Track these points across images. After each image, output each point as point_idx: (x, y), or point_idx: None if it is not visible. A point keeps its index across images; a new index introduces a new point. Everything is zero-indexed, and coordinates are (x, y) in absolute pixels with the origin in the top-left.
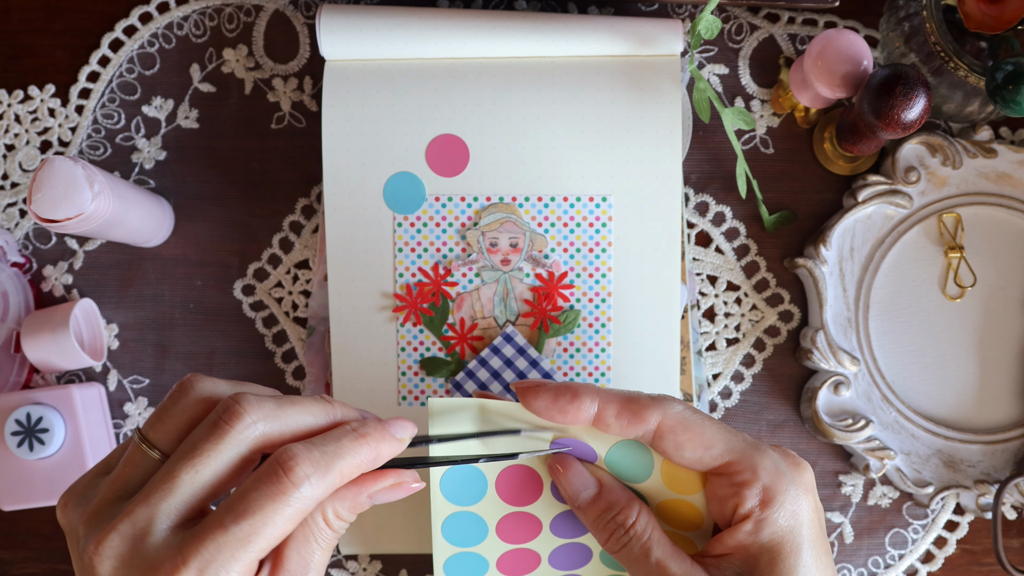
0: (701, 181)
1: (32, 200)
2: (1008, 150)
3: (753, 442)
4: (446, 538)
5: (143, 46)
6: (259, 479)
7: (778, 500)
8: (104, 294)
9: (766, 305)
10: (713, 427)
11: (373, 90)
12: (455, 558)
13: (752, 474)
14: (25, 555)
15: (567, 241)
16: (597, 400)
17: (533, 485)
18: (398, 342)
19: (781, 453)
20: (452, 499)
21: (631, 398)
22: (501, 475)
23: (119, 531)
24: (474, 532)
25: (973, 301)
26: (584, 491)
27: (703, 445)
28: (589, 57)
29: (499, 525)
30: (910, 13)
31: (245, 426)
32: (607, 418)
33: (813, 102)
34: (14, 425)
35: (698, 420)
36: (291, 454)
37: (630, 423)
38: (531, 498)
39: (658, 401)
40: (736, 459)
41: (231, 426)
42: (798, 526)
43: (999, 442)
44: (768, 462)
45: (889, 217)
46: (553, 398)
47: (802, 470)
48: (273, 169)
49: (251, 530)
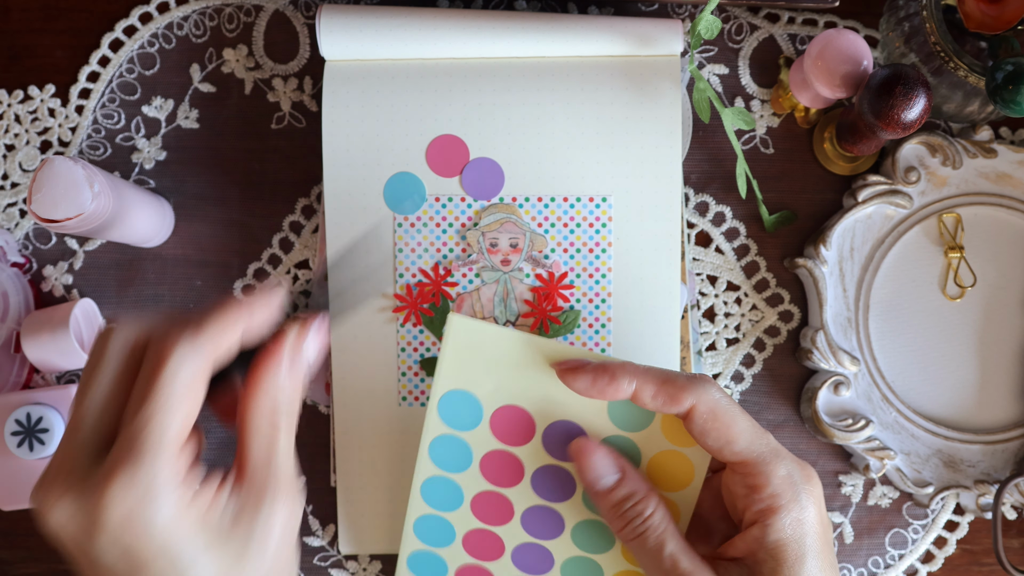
0: (701, 181)
1: (32, 200)
2: (1008, 150)
3: (774, 447)
4: (432, 458)
5: (143, 46)
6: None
7: (785, 508)
8: (104, 294)
9: (766, 305)
10: (741, 423)
11: (373, 90)
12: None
13: (765, 479)
14: (25, 555)
15: (567, 241)
16: (635, 380)
17: (526, 428)
18: (398, 342)
19: (797, 463)
20: (448, 422)
21: (668, 379)
22: (497, 412)
23: (54, 472)
24: (459, 459)
25: (973, 301)
26: (604, 477)
27: (726, 438)
28: (589, 57)
29: (482, 461)
30: (910, 13)
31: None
32: (643, 397)
33: (813, 102)
34: (14, 425)
35: (729, 412)
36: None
37: (665, 403)
38: (522, 441)
39: (695, 383)
40: (753, 461)
41: (105, 339)
42: (803, 535)
43: (999, 442)
44: (783, 470)
45: (889, 217)
46: (593, 379)
47: (813, 483)
48: (273, 169)
49: (148, 417)
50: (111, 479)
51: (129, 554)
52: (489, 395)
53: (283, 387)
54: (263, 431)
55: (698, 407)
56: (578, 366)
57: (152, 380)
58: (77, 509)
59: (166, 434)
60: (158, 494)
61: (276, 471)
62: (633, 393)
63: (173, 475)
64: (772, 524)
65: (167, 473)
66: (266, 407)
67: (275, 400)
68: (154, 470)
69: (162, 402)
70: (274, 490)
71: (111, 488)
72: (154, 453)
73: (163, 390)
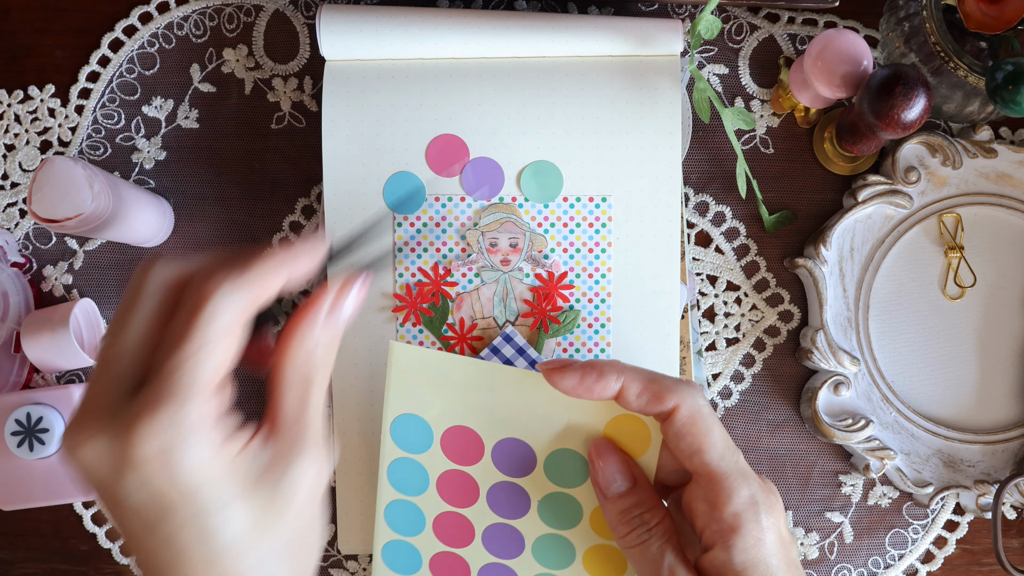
0: (701, 181)
1: (32, 200)
2: (1008, 150)
3: (742, 468)
4: (391, 482)
5: (143, 46)
6: (180, 311)
7: (745, 528)
8: (104, 294)
9: (766, 305)
10: (717, 434)
11: (373, 90)
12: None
13: (726, 497)
14: (25, 555)
15: (567, 241)
16: (622, 377)
17: (475, 448)
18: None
19: (761, 485)
20: (401, 445)
21: (654, 379)
22: (447, 433)
23: (84, 411)
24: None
25: (973, 301)
26: (616, 483)
27: (699, 446)
28: (589, 57)
29: (439, 482)
30: (910, 13)
31: (149, 271)
32: (629, 395)
33: (813, 102)
34: (14, 425)
35: (708, 421)
36: (200, 275)
37: (649, 402)
38: (473, 460)
39: (681, 386)
40: (718, 476)
41: (140, 278)
42: (767, 556)
43: (999, 442)
44: (745, 492)
45: (889, 217)
46: (580, 377)
47: (773, 506)
48: (273, 169)
49: (188, 355)
50: (142, 416)
51: (156, 496)
52: (437, 417)
53: (320, 341)
54: (296, 384)
55: (680, 409)
56: (564, 365)
57: (191, 319)
58: (107, 447)
59: (202, 375)
60: (190, 435)
61: (307, 426)
62: (619, 391)
63: (206, 417)
64: (735, 545)
65: (200, 414)
66: (301, 359)
67: (311, 353)
68: (187, 410)
69: (201, 342)
70: (304, 445)
71: (142, 425)
72: (188, 393)
73: (202, 330)
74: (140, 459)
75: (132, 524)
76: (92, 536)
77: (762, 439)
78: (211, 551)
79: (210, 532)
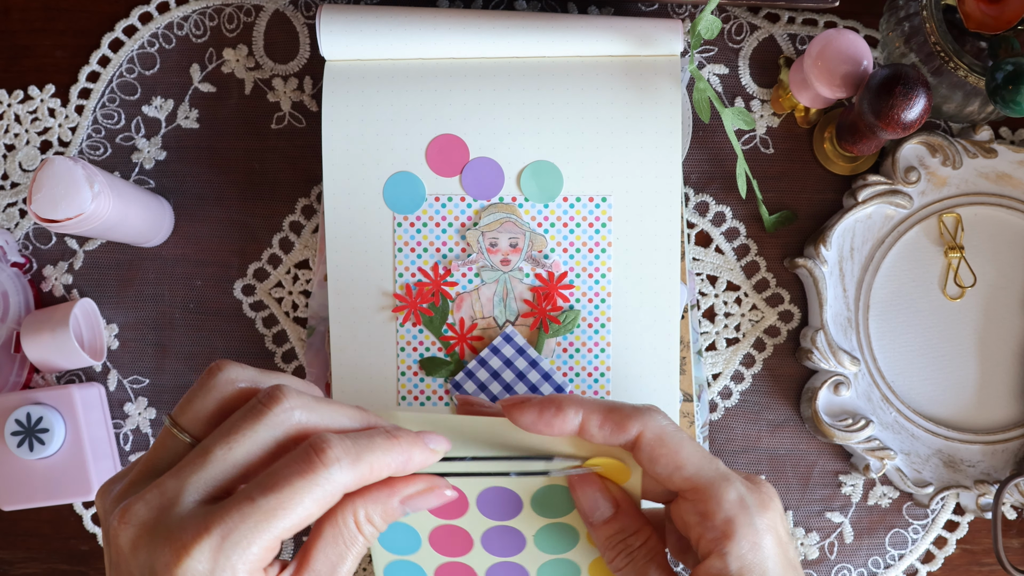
0: (701, 181)
1: (32, 200)
2: (1008, 150)
3: (723, 472)
4: (383, 544)
5: (143, 46)
6: (291, 458)
7: (739, 533)
8: (104, 294)
9: (766, 305)
10: (688, 448)
11: (373, 90)
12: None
13: (716, 505)
14: (25, 555)
15: (567, 241)
16: (581, 411)
17: (459, 503)
18: (398, 342)
19: (749, 486)
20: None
21: (613, 408)
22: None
23: (145, 500)
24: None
25: (973, 301)
26: (599, 510)
27: (675, 464)
28: (589, 57)
29: (431, 538)
30: (910, 13)
31: (283, 410)
32: (590, 428)
33: (813, 102)
34: (14, 425)
35: (676, 438)
36: (324, 438)
37: (612, 432)
38: (458, 514)
39: (641, 412)
40: (702, 486)
41: (270, 409)
42: (763, 560)
43: (999, 442)
44: (732, 494)
45: (889, 217)
46: (539, 412)
47: (766, 505)
48: (273, 169)
49: (278, 504)
50: (203, 538)
51: None
52: None
53: (386, 514)
54: (346, 537)
55: (645, 434)
56: (522, 401)
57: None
58: (158, 548)
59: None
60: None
61: None
62: (580, 424)
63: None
64: (730, 552)
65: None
66: (365, 517)
67: (374, 517)
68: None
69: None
70: None
71: (202, 547)
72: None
73: (303, 490)
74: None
75: None
76: (92, 536)
77: (762, 439)
78: None
79: None
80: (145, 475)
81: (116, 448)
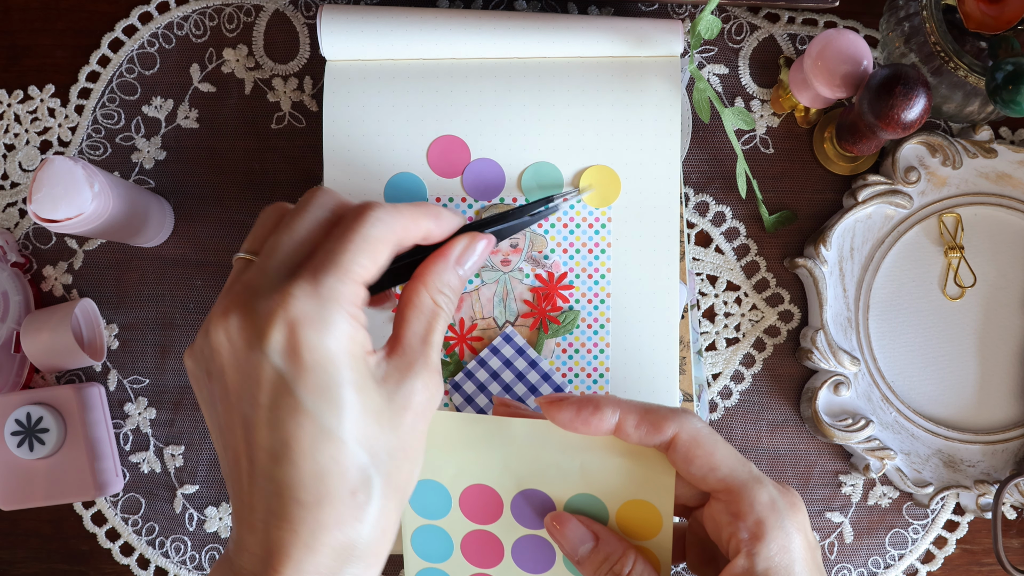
0: (701, 181)
1: (32, 200)
2: (1008, 150)
3: (756, 475)
4: (416, 551)
5: (143, 46)
6: (347, 215)
7: (770, 535)
8: (104, 294)
9: (766, 305)
10: (723, 450)
11: (374, 90)
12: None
13: (748, 506)
14: (25, 555)
15: (567, 242)
16: (618, 410)
17: (494, 505)
18: None
19: (780, 489)
20: (420, 512)
21: (650, 409)
22: (464, 494)
23: (234, 292)
24: (441, 548)
25: (973, 301)
26: (582, 545)
27: (709, 465)
28: (589, 57)
29: (462, 545)
30: (910, 13)
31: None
32: (627, 427)
33: (813, 102)
34: (14, 425)
35: (711, 439)
36: (366, 203)
37: (648, 433)
38: (493, 518)
39: (676, 414)
40: (735, 487)
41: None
42: (791, 563)
43: (999, 442)
44: (765, 496)
45: (889, 217)
46: (576, 410)
47: (796, 508)
48: (273, 169)
49: (348, 245)
50: (298, 282)
51: (293, 356)
52: (452, 479)
53: (449, 281)
54: (426, 310)
55: (680, 435)
56: (560, 399)
57: (350, 225)
58: (253, 313)
59: (355, 264)
60: (337, 308)
61: (428, 353)
62: (617, 424)
63: (352, 299)
64: (759, 553)
65: (348, 293)
66: (434, 288)
67: (439, 290)
68: (338, 285)
69: (356, 241)
70: (422, 366)
71: (297, 288)
72: (341, 273)
73: (358, 232)
74: (288, 318)
75: (261, 390)
76: (92, 536)
77: (762, 439)
78: (336, 423)
79: (339, 404)
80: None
81: (116, 448)
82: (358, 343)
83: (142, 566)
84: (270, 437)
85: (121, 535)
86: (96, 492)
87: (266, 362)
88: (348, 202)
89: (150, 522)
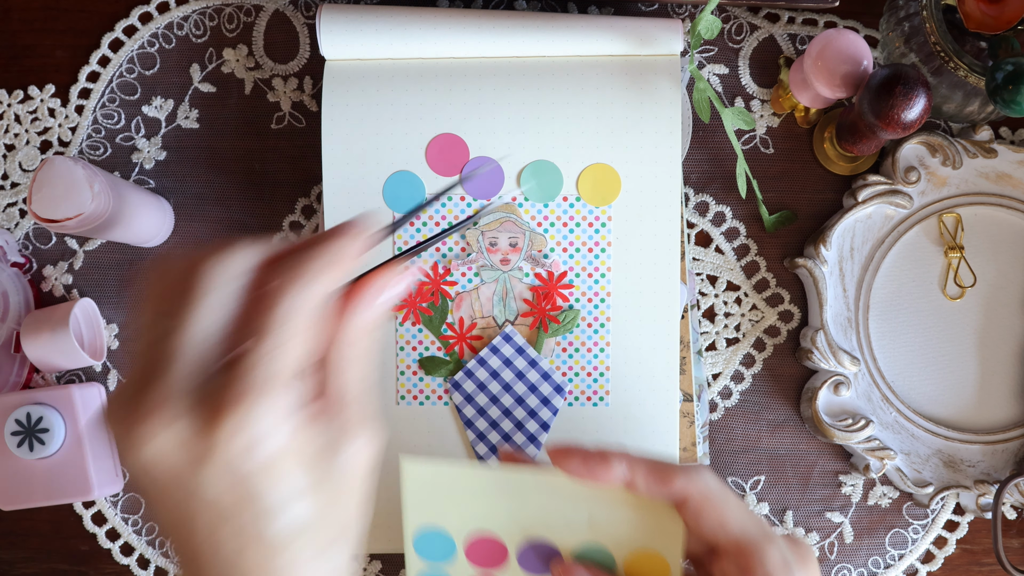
0: (701, 181)
1: (32, 200)
2: (1008, 150)
3: (767, 532)
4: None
5: (143, 46)
6: (253, 308)
7: None
8: (104, 294)
9: (766, 305)
10: (733, 507)
11: (373, 90)
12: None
13: (758, 562)
14: (25, 555)
15: (566, 241)
16: (626, 463)
17: (500, 554)
18: (397, 341)
19: (791, 545)
20: (426, 558)
21: (660, 464)
22: (470, 542)
23: (122, 389)
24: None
25: (973, 301)
26: None
27: (720, 521)
28: (589, 57)
29: None
30: (910, 13)
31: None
32: (636, 479)
33: (813, 102)
34: (14, 425)
35: (721, 496)
36: (271, 286)
37: (657, 485)
38: (498, 566)
39: (687, 470)
40: (746, 545)
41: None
42: None
43: (999, 442)
44: (776, 554)
45: (889, 217)
46: (583, 461)
47: (808, 563)
48: (273, 169)
49: (274, 346)
50: (231, 407)
51: (238, 485)
52: (457, 527)
53: (375, 327)
54: (358, 365)
55: (691, 490)
56: (570, 448)
57: (272, 313)
58: (190, 436)
59: (287, 367)
60: (277, 426)
61: (364, 406)
62: (626, 476)
63: (290, 408)
64: None
65: (286, 405)
66: (363, 342)
67: (370, 337)
68: (276, 402)
69: (285, 335)
70: (360, 425)
71: (231, 416)
72: (275, 384)
73: (284, 324)
74: (228, 450)
75: (204, 515)
76: (92, 536)
77: (762, 439)
78: (283, 537)
79: (286, 518)
80: None
81: (116, 448)
82: (297, 440)
83: (142, 566)
84: (225, 558)
85: (121, 535)
86: (96, 492)
87: (209, 491)
88: (251, 266)
89: (150, 522)
